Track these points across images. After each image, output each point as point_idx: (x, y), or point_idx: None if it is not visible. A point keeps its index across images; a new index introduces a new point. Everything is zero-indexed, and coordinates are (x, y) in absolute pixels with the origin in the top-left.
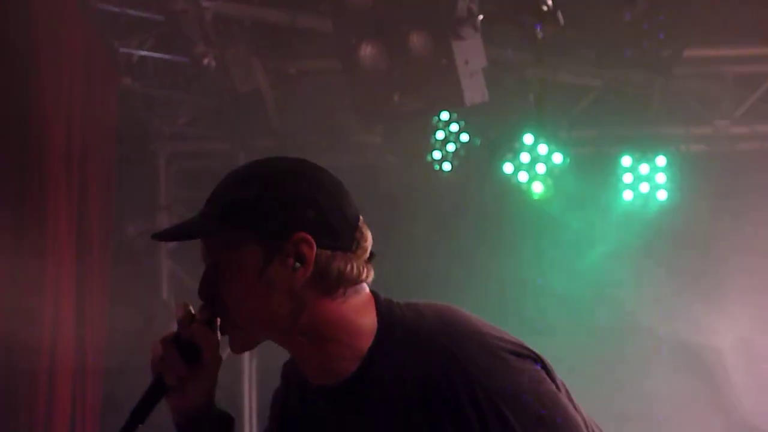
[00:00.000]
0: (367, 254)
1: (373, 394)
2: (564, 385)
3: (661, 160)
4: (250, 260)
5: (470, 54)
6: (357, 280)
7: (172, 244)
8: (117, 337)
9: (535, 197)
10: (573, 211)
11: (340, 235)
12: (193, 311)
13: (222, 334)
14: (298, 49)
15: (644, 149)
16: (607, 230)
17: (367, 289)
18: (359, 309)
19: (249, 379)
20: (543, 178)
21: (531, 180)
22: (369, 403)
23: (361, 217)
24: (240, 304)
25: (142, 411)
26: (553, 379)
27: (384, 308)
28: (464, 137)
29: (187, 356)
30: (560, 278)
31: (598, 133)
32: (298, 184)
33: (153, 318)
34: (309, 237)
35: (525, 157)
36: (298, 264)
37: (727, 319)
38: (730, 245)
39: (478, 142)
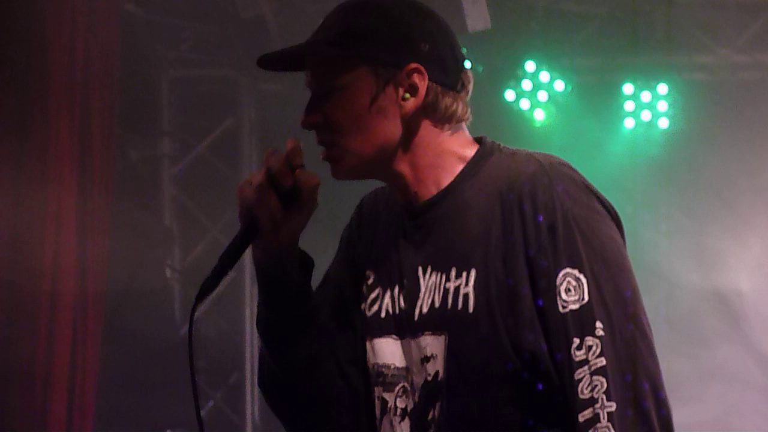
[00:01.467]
0: (469, 95)
1: (457, 205)
2: None
3: (662, 88)
4: (362, 86)
5: None
6: (462, 118)
7: (174, 170)
8: (118, 263)
9: (537, 125)
10: (574, 138)
11: (450, 72)
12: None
13: (326, 159)
14: None
15: (646, 77)
16: (608, 157)
17: (468, 131)
18: (463, 143)
19: (251, 327)
20: (545, 106)
21: (533, 107)
22: (452, 214)
23: (467, 60)
24: (351, 129)
25: (232, 255)
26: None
27: (486, 140)
28: (466, 64)
29: (285, 201)
30: None
31: (600, 60)
32: (414, 16)
33: (155, 244)
34: (422, 68)
35: (527, 85)
36: (408, 94)
37: (736, 244)
38: (733, 172)
39: (480, 68)
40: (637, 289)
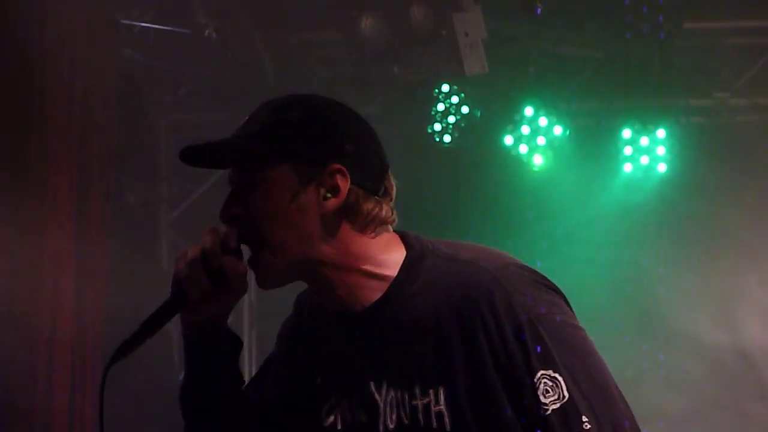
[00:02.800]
0: (392, 202)
1: (400, 317)
2: None
3: (661, 133)
4: (284, 182)
5: (470, 26)
6: (385, 222)
7: (173, 215)
8: (117, 308)
9: (536, 169)
10: (573, 183)
11: (372, 177)
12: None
13: (251, 268)
14: (298, 20)
15: (644, 121)
16: (607, 202)
17: (392, 230)
18: (387, 244)
19: (249, 348)
20: (543, 151)
21: (531, 152)
22: (395, 326)
23: (389, 167)
24: (271, 223)
25: (154, 322)
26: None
27: (413, 240)
28: (465, 109)
29: (214, 281)
30: (560, 253)
31: (598, 105)
32: (340, 118)
33: (154, 288)
34: (345, 170)
35: (525, 130)
36: (330, 194)
37: (741, 289)
38: (733, 215)
39: (478, 114)
40: (604, 366)
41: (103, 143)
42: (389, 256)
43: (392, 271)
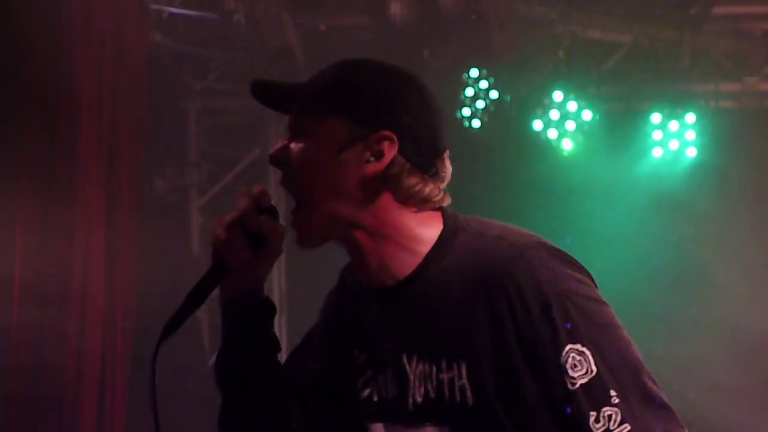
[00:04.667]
0: (444, 184)
1: (430, 291)
2: None
3: (690, 117)
4: (330, 136)
5: (499, 9)
6: (428, 201)
7: (202, 200)
8: (147, 292)
9: (565, 154)
10: (602, 167)
11: (423, 153)
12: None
13: (292, 226)
14: (327, 5)
15: (674, 106)
16: (636, 186)
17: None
18: (425, 219)
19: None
20: (572, 135)
21: (560, 137)
22: (425, 300)
23: (447, 151)
24: (308, 173)
25: (200, 293)
26: None
27: (449, 217)
28: (494, 94)
29: (253, 243)
30: (589, 237)
31: (627, 89)
32: (405, 88)
33: (183, 273)
34: (394, 138)
35: (555, 114)
36: (372, 158)
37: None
38: (760, 200)
39: (507, 98)
40: (630, 341)
41: (133, 128)
42: (425, 231)
43: (426, 246)
